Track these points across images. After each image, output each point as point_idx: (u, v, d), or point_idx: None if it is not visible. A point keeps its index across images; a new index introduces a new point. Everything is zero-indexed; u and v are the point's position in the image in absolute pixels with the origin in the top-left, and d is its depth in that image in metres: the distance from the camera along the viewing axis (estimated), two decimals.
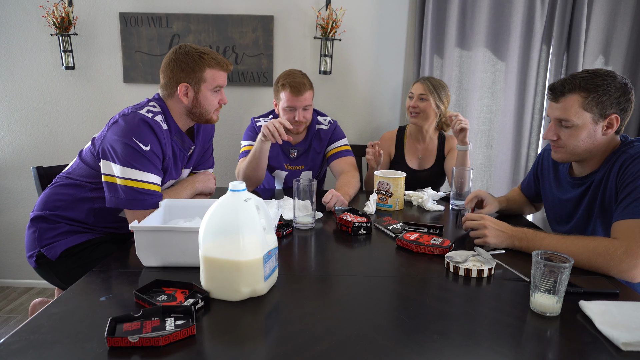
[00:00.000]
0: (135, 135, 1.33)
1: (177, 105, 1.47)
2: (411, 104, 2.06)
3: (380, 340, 0.82)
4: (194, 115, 1.50)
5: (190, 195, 1.55)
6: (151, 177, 1.35)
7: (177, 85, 1.43)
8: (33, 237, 1.45)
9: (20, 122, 2.50)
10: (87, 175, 1.46)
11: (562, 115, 1.25)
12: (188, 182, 1.57)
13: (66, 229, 1.45)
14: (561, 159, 1.34)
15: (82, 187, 1.46)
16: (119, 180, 1.33)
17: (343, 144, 2.05)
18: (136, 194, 1.33)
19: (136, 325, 0.82)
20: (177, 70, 1.43)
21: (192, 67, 1.43)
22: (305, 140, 2.05)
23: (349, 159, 2.01)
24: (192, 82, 1.44)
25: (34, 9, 2.35)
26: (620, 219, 1.15)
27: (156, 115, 1.41)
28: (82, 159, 1.48)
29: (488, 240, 1.27)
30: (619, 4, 2.28)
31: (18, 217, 2.63)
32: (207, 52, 1.45)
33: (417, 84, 2.08)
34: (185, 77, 1.43)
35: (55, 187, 1.49)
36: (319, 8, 2.35)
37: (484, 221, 1.29)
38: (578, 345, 0.82)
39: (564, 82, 1.25)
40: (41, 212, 1.46)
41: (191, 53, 1.43)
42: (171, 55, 1.45)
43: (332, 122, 2.09)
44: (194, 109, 1.48)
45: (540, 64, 2.36)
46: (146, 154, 1.34)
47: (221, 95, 1.53)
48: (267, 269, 0.97)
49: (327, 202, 1.60)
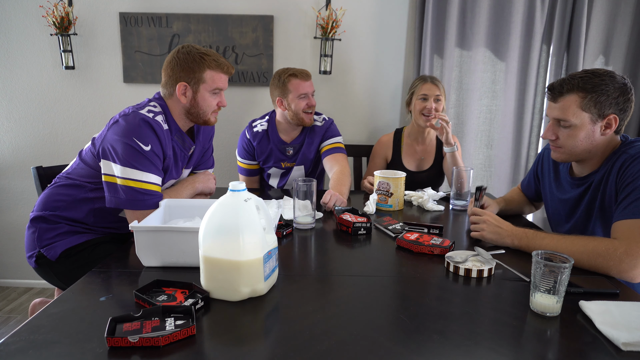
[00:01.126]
0: (136, 135, 1.33)
1: (177, 105, 1.47)
2: (428, 106, 2.02)
3: (380, 340, 0.82)
4: (191, 116, 1.50)
5: (190, 195, 1.55)
6: (151, 177, 1.35)
7: (176, 84, 1.43)
8: (33, 237, 1.45)
9: (20, 122, 2.50)
10: (87, 175, 1.46)
11: (561, 115, 1.25)
12: (188, 182, 1.57)
13: (66, 229, 1.45)
14: (560, 159, 1.34)
15: (82, 187, 1.46)
16: (119, 180, 1.33)
17: (337, 142, 2.06)
18: (136, 194, 1.33)
19: (136, 325, 0.82)
20: (178, 69, 1.43)
21: (192, 67, 1.43)
22: (300, 137, 2.08)
23: (340, 156, 2.01)
24: (191, 82, 1.44)
25: (34, 9, 2.35)
26: (620, 219, 1.15)
27: (157, 115, 1.41)
28: (82, 159, 1.48)
29: (484, 235, 1.30)
30: (619, 4, 2.28)
31: (18, 217, 2.63)
32: (209, 53, 1.45)
33: (428, 84, 2.04)
34: (184, 77, 1.43)
35: (55, 188, 1.49)
36: (319, 8, 2.35)
37: (485, 217, 1.32)
38: (578, 345, 0.82)
39: (562, 82, 1.25)
40: (41, 212, 1.46)
41: (193, 53, 1.43)
42: (173, 54, 1.45)
43: (327, 120, 2.11)
44: (192, 109, 1.48)
45: (540, 64, 2.36)
46: (147, 154, 1.34)
47: (220, 98, 1.52)
48: (267, 269, 0.97)
49: (327, 203, 1.60)
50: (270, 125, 2.07)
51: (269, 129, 2.07)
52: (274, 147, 2.07)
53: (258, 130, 2.07)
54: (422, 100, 2.04)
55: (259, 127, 2.08)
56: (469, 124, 2.44)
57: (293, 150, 2.08)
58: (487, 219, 1.31)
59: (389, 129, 2.53)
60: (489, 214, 1.34)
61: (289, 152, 2.08)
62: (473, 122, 2.45)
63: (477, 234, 1.32)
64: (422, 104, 2.04)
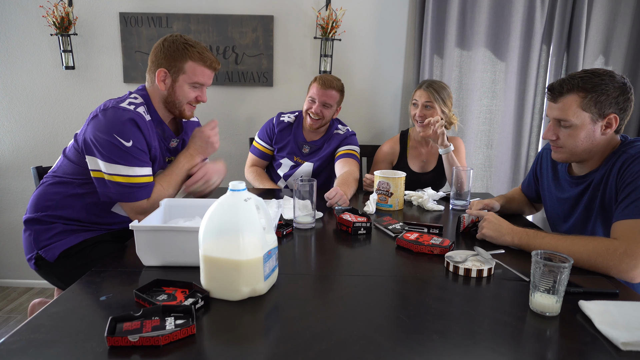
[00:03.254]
0: (116, 132, 1.30)
1: (157, 93, 1.45)
2: (417, 112, 2.02)
3: (380, 340, 0.82)
4: (168, 105, 1.47)
5: (189, 168, 1.49)
6: (138, 171, 1.34)
7: (157, 70, 1.42)
8: (29, 240, 1.43)
9: (20, 122, 2.50)
10: (73, 172, 1.44)
11: (561, 115, 1.25)
12: (182, 155, 1.50)
13: (61, 229, 1.43)
14: (561, 159, 1.34)
15: (70, 184, 1.44)
16: (106, 175, 1.33)
17: (352, 149, 2.08)
18: (125, 188, 1.33)
19: (136, 325, 0.82)
20: (161, 55, 1.42)
21: (175, 55, 1.41)
22: (320, 140, 2.14)
23: (352, 161, 2.02)
24: (171, 70, 1.42)
25: (34, 9, 2.35)
26: (621, 219, 1.16)
27: (138, 107, 1.38)
28: (66, 156, 1.46)
29: (485, 232, 1.31)
30: (619, 4, 2.28)
31: (18, 217, 2.63)
32: (194, 45, 1.43)
33: (419, 90, 2.03)
34: (165, 64, 1.42)
35: (43, 187, 1.47)
36: (319, 8, 2.35)
37: (486, 216, 1.33)
38: (578, 345, 0.82)
39: (562, 82, 1.25)
40: (33, 214, 1.44)
41: (178, 42, 1.42)
42: (161, 41, 1.44)
43: (350, 131, 2.17)
44: (169, 97, 1.45)
45: (540, 64, 2.36)
46: (129, 150, 1.32)
47: (200, 92, 1.48)
48: (267, 268, 0.97)
49: (331, 198, 1.60)
50: (297, 121, 2.17)
51: (294, 124, 2.17)
52: (292, 140, 2.14)
53: (284, 120, 2.16)
54: (414, 105, 2.06)
55: (286, 118, 2.17)
56: (469, 124, 2.44)
57: (309, 150, 2.14)
58: (488, 217, 1.32)
59: (389, 129, 2.53)
60: (490, 213, 1.35)
61: (305, 150, 2.14)
62: (473, 122, 2.45)
63: (479, 234, 1.33)
64: (413, 109, 2.06)
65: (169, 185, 1.45)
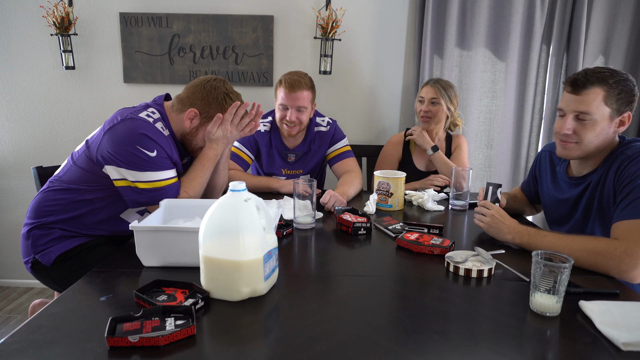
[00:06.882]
0: (139, 144, 1.30)
1: (179, 123, 1.44)
2: (423, 108, 2.04)
3: (380, 340, 0.82)
4: (184, 139, 1.47)
5: (216, 156, 1.46)
6: (164, 174, 1.35)
7: (189, 107, 1.41)
8: (27, 244, 1.43)
9: (20, 122, 2.50)
10: (81, 179, 1.40)
11: (583, 107, 1.23)
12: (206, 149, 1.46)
13: (59, 234, 1.42)
14: (571, 155, 1.31)
15: (77, 191, 1.41)
16: (133, 183, 1.32)
17: (343, 145, 2.04)
18: (154, 193, 1.34)
19: (136, 325, 0.82)
20: (198, 96, 1.41)
21: (211, 103, 1.41)
22: (304, 144, 2.01)
23: (351, 161, 2.00)
24: (202, 115, 1.42)
25: (34, 9, 2.35)
26: (620, 220, 1.15)
27: (156, 122, 1.38)
28: (75, 162, 1.42)
29: (486, 228, 1.33)
30: (619, 4, 2.28)
31: (18, 217, 2.63)
32: (233, 97, 1.44)
33: (427, 87, 2.05)
34: (199, 106, 1.41)
35: (48, 193, 1.44)
36: (319, 8, 2.35)
37: (492, 211, 1.33)
38: (578, 345, 0.82)
39: (586, 74, 1.23)
40: (34, 219, 1.43)
41: (219, 90, 1.42)
42: (204, 80, 1.43)
43: (331, 122, 2.05)
44: (189, 135, 1.45)
45: (540, 64, 2.36)
46: (154, 159, 1.32)
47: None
48: (267, 269, 0.97)
49: (326, 203, 1.60)
50: (272, 127, 2.00)
51: (271, 132, 1.99)
52: (274, 152, 1.99)
53: (261, 131, 1.98)
54: (420, 102, 2.08)
55: (262, 127, 1.98)
56: (469, 124, 2.44)
57: (295, 157, 2.01)
58: (493, 214, 1.32)
59: (389, 129, 2.53)
60: (497, 209, 1.34)
61: (290, 159, 2.01)
62: (473, 122, 2.45)
63: (481, 224, 1.35)
64: (419, 106, 2.08)
65: (198, 182, 1.45)
